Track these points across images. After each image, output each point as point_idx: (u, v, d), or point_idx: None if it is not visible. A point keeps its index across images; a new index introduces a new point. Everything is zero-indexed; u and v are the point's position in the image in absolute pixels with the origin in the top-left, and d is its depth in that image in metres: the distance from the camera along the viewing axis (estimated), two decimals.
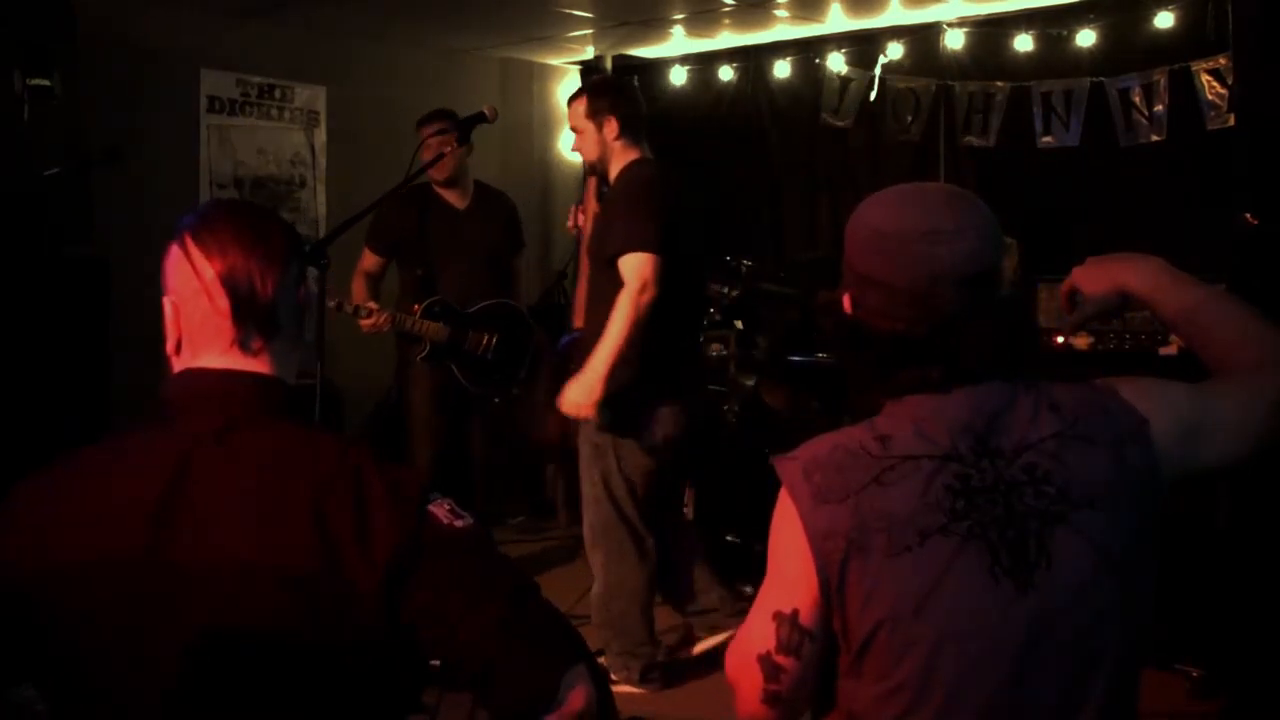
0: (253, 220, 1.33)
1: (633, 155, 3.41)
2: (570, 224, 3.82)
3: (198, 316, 1.29)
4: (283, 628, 1.16)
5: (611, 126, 3.37)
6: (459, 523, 1.23)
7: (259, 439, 1.24)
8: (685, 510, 4.47)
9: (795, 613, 1.31)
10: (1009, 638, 1.25)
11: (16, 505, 1.26)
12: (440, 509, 1.23)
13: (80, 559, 1.19)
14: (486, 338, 4.26)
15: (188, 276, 1.29)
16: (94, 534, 1.20)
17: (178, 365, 1.31)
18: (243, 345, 1.29)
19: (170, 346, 1.32)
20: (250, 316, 1.28)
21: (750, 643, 1.36)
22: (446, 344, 4.20)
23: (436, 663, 1.22)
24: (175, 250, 1.31)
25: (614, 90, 3.52)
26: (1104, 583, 1.27)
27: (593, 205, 3.72)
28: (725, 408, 4.90)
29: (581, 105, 3.42)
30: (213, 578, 1.17)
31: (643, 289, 3.14)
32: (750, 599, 4.45)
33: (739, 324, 4.91)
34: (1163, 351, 3.86)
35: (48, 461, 1.29)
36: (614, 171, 3.42)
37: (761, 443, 4.38)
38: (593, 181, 3.73)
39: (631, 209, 3.24)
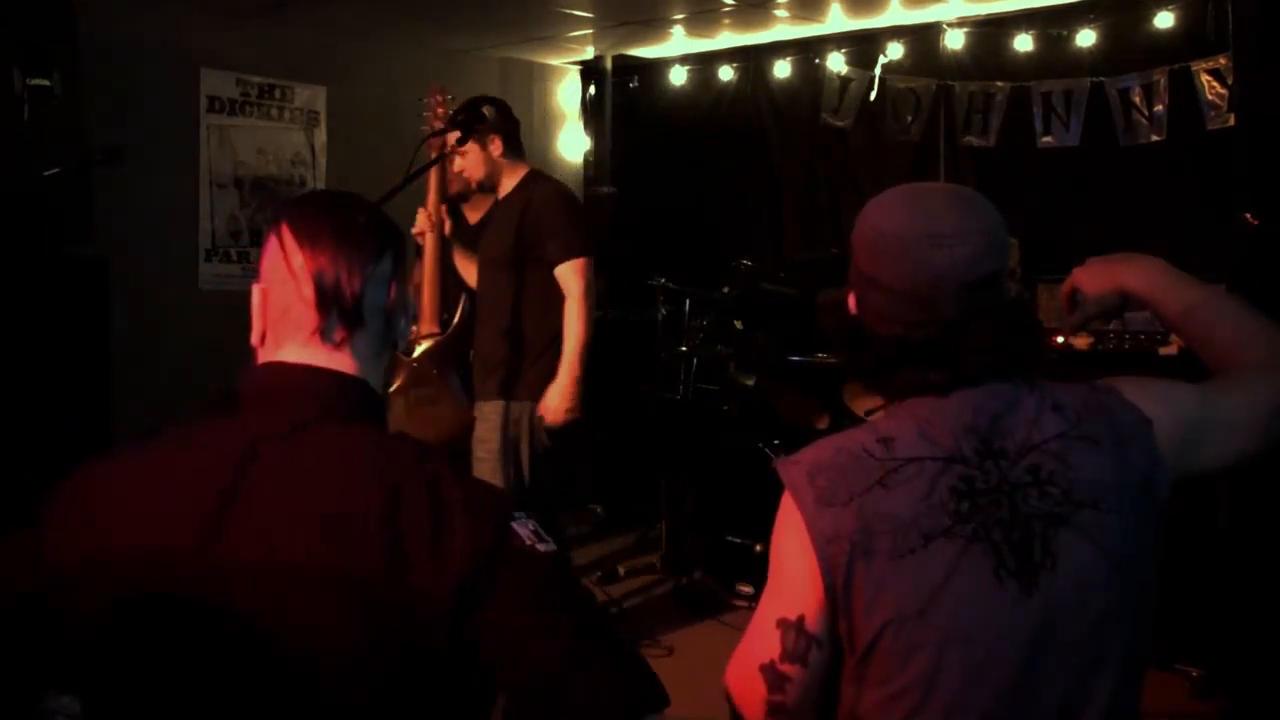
0: (347, 214, 1.31)
1: (523, 169, 3.63)
2: (416, 230, 3.79)
3: (283, 303, 1.27)
4: (335, 634, 1.11)
5: (497, 144, 3.56)
6: (541, 546, 1.18)
7: (331, 439, 1.20)
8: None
9: (801, 619, 1.29)
10: (1014, 639, 1.25)
11: (70, 495, 1.22)
12: (524, 529, 1.19)
13: (129, 555, 1.16)
14: None
15: (278, 264, 1.27)
16: (147, 529, 1.16)
17: (261, 357, 1.29)
18: (325, 335, 1.26)
19: (255, 337, 1.29)
20: (335, 308, 1.26)
21: (752, 652, 1.33)
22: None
23: None
24: (272, 239, 1.29)
25: (499, 111, 3.64)
26: (1108, 583, 1.27)
27: (434, 208, 3.76)
28: (725, 408, 4.90)
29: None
30: (262, 578, 1.13)
31: (588, 290, 3.47)
32: (750, 599, 4.45)
33: (739, 324, 4.91)
34: (1163, 351, 3.86)
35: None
36: (507, 185, 3.61)
37: (761, 442, 4.38)
38: (434, 185, 3.77)
39: (565, 217, 3.51)
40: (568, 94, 6.69)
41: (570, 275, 3.47)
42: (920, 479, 1.28)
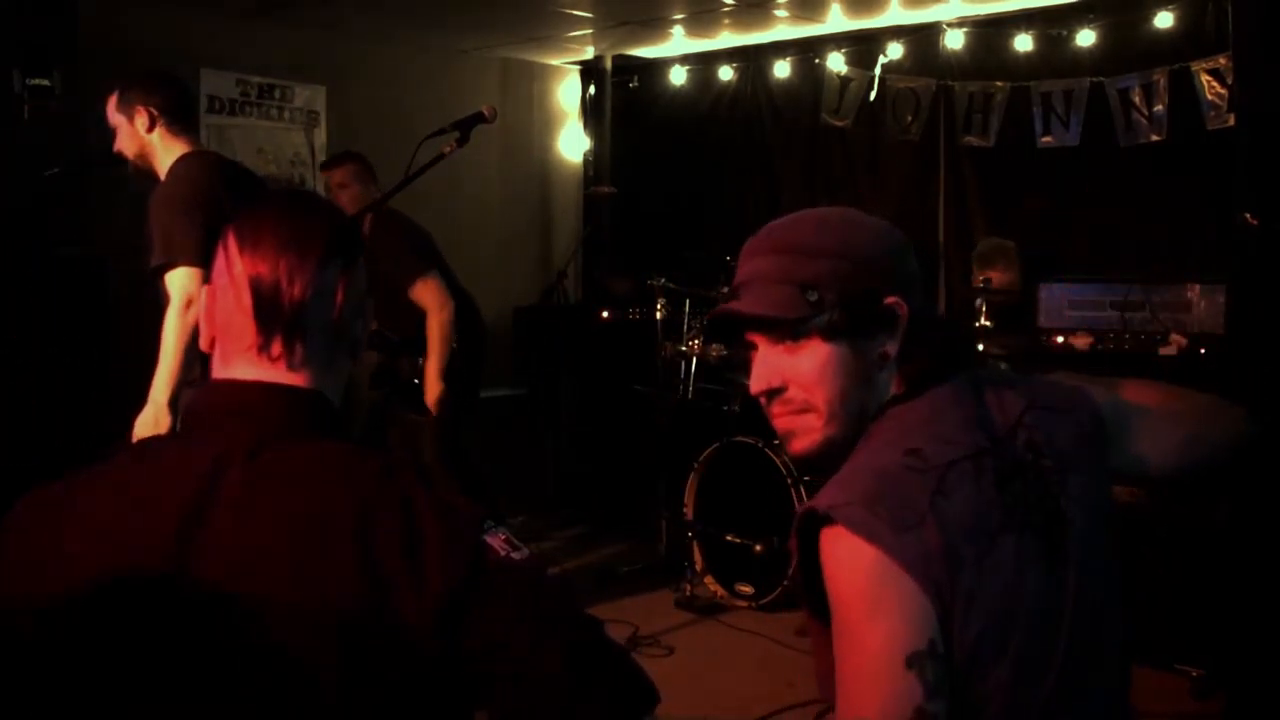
0: (294, 217, 1.24)
1: (180, 150, 3.16)
2: None
3: (225, 313, 1.23)
4: (315, 668, 1.07)
5: (142, 118, 3.14)
6: (516, 555, 1.14)
7: (292, 461, 1.15)
8: None
9: (932, 644, 1.18)
10: (1063, 612, 1.26)
11: (25, 522, 1.15)
12: (497, 540, 1.14)
13: (87, 591, 1.09)
14: None
15: (221, 269, 1.24)
16: (102, 564, 1.10)
17: (214, 363, 1.25)
18: (262, 349, 1.21)
19: (204, 342, 1.26)
20: (274, 318, 1.20)
21: (889, 709, 1.16)
22: None
23: None
24: (220, 243, 1.25)
25: (146, 81, 3.20)
26: (1103, 543, 1.31)
27: None
28: (725, 408, 4.90)
29: (113, 100, 3.19)
30: (235, 612, 1.08)
31: (188, 306, 2.92)
32: (750, 599, 4.42)
33: None
34: (1163, 351, 3.86)
35: (46, 463, 1.24)
36: (163, 168, 3.17)
37: (762, 442, 4.38)
38: None
39: (172, 216, 2.99)
40: (568, 94, 6.70)
41: (171, 285, 2.97)
42: (965, 480, 1.25)
